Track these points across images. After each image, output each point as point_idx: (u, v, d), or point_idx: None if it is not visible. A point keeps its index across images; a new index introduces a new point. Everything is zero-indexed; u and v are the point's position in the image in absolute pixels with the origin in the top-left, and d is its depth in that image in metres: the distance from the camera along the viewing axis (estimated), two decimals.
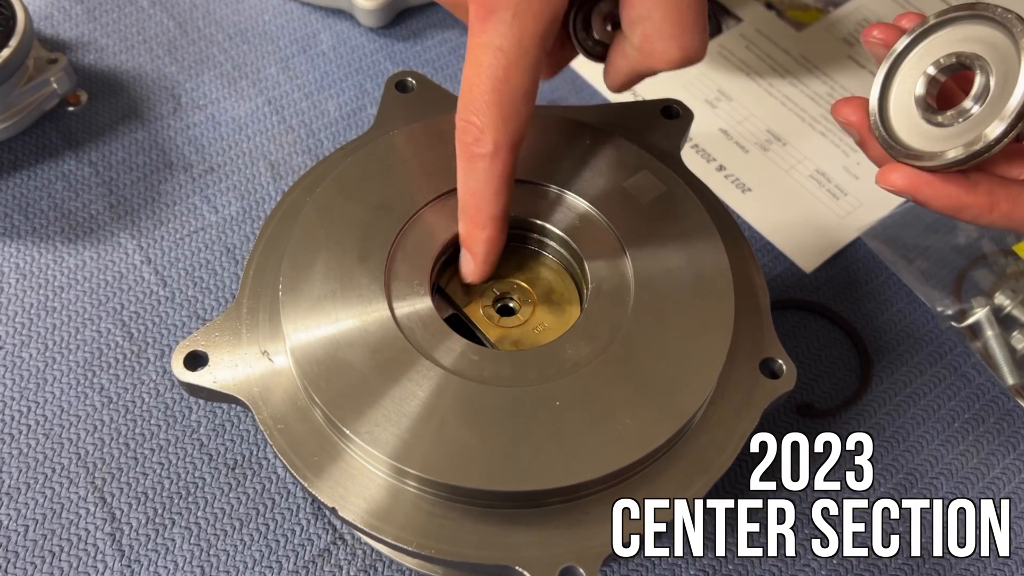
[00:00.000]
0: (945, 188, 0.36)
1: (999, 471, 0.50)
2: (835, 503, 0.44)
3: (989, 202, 0.36)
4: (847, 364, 0.53)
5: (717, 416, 0.39)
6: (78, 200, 0.57)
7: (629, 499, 0.36)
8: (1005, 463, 0.51)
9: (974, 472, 0.50)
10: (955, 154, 0.35)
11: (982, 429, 0.52)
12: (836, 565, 0.47)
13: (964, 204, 0.36)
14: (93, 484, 0.47)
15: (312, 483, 0.37)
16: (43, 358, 0.51)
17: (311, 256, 0.40)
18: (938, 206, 0.36)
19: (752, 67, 0.67)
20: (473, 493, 0.36)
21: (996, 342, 0.53)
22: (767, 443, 0.41)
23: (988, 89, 0.35)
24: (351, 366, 0.37)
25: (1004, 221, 0.37)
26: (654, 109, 0.49)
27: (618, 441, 0.36)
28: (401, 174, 0.43)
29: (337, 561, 0.46)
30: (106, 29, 0.65)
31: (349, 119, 0.62)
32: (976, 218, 0.37)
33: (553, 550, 0.35)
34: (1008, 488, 0.50)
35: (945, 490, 0.49)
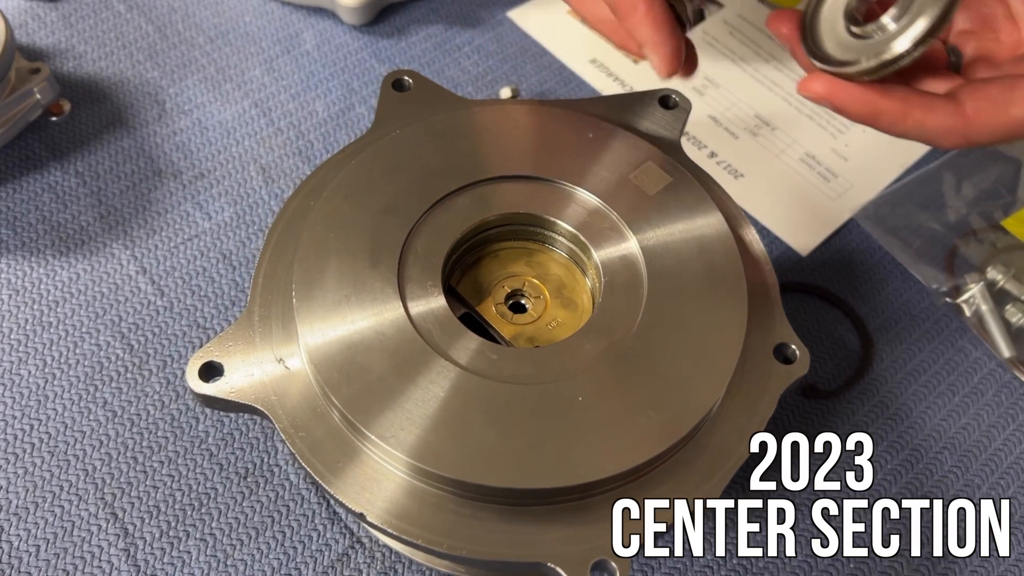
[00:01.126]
0: (861, 94, 0.38)
1: (1000, 443, 0.51)
2: (835, 503, 0.44)
3: (903, 109, 0.38)
4: (848, 344, 0.54)
5: (735, 404, 0.39)
6: (67, 212, 0.56)
7: (630, 499, 0.36)
8: (1005, 435, 0.52)
9: (976, 445, 0.51)
10: (867, 63, 0.37)
11: (982, 402, 0.53)
12: (836, 565, 0.47)
13: (879, 110, 0.38)
14: (103, 500, 0.47)
15: (338, 489, 0.36)
16: (42, 375, 0.50)
17: (322, 262, 0.40)
18: (855, 112, 0.38)
19: (737, 53, 0.67)
20: (502, 492, 0.36)
21: (990, 316, 0.54)
22: (767, 443, 0.41)
23: (908, 7, 0.36)
24: (370, 369, 0.37)
25: (918, 130, 0.38)
26: (652, 99, 0.49)
27: (643, 434, 0.37)
28: (405, 175, 0.43)
29: (356, 565, 0.46)
30: (83, 36, 0.64)
31: (338, 119, 0.61)
32: (892, 125, 0.38)
33: (584, 545, 0.36)
34: (1009, 460, 0.51)
35: (949, 465, 0.50)
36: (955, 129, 0.38)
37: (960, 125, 0.38)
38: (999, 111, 0.37)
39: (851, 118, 0.39)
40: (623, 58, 0.66)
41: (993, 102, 0.38)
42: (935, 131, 0.38)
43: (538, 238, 0.44)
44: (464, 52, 0.66)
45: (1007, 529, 0.44)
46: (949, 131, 0.38)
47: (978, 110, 0.38)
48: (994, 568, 0.47)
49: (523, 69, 0.65)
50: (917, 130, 0.38)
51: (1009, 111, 0.37)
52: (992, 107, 0.38)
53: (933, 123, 0.38)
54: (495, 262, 0.44)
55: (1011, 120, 0.38)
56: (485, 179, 0.43)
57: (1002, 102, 0.38)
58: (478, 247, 0.44)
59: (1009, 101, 0.38)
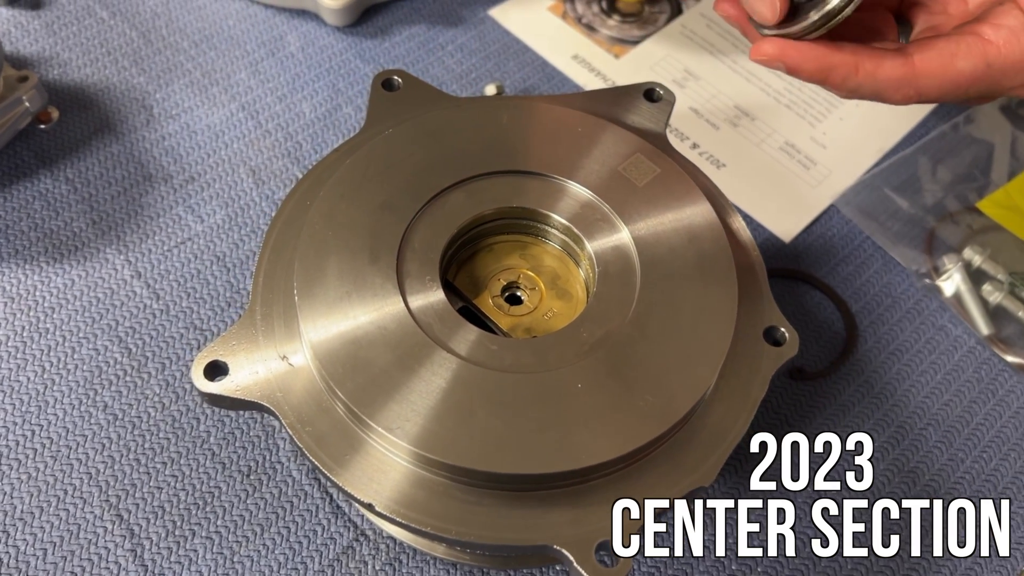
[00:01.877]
0: (811, 50, 0.40)
1: (981, 418, 0.53)
2: (835, 503, 0.44)
3: (854, 62, 0.40)
4: (832, 327, 0.55)
5: (728, 387, 0.40)
6: (59, 219, 0.56)
7: (629, 499, 0.37)
8: (986, 410, 0.53)
9: (959, 420, 0.53)
10: (811, 18, 0.39)
11: (962, 379, 0.54)
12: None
13: (831, 64, 0.40)
14: (108, 502, 0.47)
15: (346, 480, 0.37)
16: (41, 381, 0.51)
17: (322, 260, 0.41)
18: (808, 69, 0.40)
19: (715, 45, 0.68)
20: (507, 478, 0.37)
21: (969, 296, 0.56)
22: (767, 443, 0.42)
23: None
24: (373, 363, 0.38)
25: (870, 83, 0.40)
26: (637, 93, 0.50)
27: (641, 417, 0.38)
28: (400, 173, 0.44)
29: (362, 557, 0.47)
30: (67, 43, 0.64)
31: (326, 119, 0.62)
32: (844, 80, 0.40)
33: (588, 527, 0.37)
34: (990, 435, 0.52)
35: (933, 441, 0.52)
36: (905, 79, 0.40)
37: (909, 74, 0.40)
38: (946, 63, 0.40)
39: (804, 77, 0.41)
40: (604, 53, 0.67)
41: (940, 53, 0.40)
42: (886, 83, 0.40)
43: (531, 231, 0.45)
44: (447, 51, 0.66)
45: (1005, 525, 0.45)
46: (899, 82, 0.40)
47: (925, 60, 0.40)
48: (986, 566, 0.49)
49: (506, 66, 0.66)
50: (869, 82, 0.40)
51: (956, 63, 0.40)
52: (939, 58, 0.40)
53: (884, 74, 0.40)
54: (490, 256, 0.45)
55: (958, 72, 0.40)
56: (477, 175, 0.44)
57: (948, 54, 0.40)
58: (473, 241, 0.45)
59: (955, 53, 0.40)
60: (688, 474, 0.38)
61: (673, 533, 0.47)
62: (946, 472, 0.51)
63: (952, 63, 0.40)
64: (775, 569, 0.48)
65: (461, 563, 0.46)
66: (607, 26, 0.68)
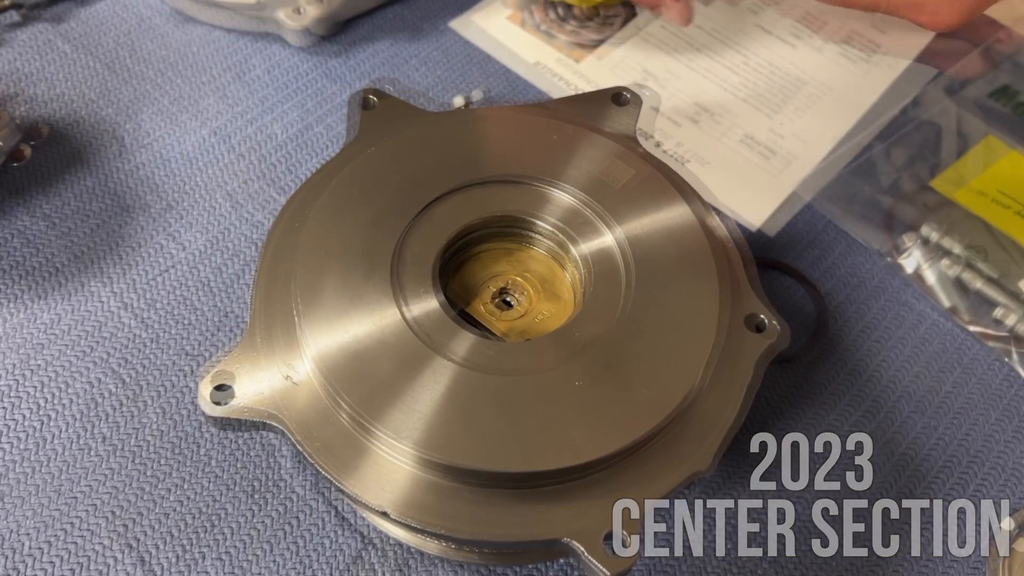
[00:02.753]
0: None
1: (949, 387, 0.56)
2: (835, 503, 0.45)
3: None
4: (804, 310, 0.58)
5: (717, 374, 0.42)
6: (40, 255, 0.56)
7: (630, 499, 0.39)
8: (953, 378, 0.56)
9: (929, 391, 0.55)
10: None
11: (930, 351, 0.57)
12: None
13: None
14: (116, 532, 0.48)
15: (359, 490, 0.38)
16: (37, 417, 0.51)
17: (318, 279, 0.42)
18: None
19: (670, 45, 0.70)
20: (514, 476, 0.38)
21: (929, 271, 0.59)
22: (767, 443, 0.43)
23: None
24: (376, 374, 0.40)
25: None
26: (605, 98, 0.52)
27: (638, 410, 0.39)
28: (386, 189, 0.45)
29: (371, 564, 0.48)
30: (31, 79, 0.64)
31: (297, 140, 0.63)
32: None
33: (594, 518, 0.38)
34: (959, 402, 0.55)
35: (907, 411, 0.54)
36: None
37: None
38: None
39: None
40: (565, 58, 0.69)
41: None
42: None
43: (517, 238, 0.47)
44: (412, 65, 0.68)
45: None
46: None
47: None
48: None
49: (471, 76, 0.67)
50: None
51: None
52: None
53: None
54: (478, 264, 0.46)
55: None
56: (460, 186, 0.46)
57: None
58: (462, 251, 0.46)
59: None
60: (685, 461, 0.40)
61: (673, 533, 0.48)
62: (920, 440, 0.54)
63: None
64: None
65: (469, 563, 0.47)
66: (565, 32, 0.70)
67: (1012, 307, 0.57)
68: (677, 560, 0.49)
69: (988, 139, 0.65)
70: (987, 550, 0.50)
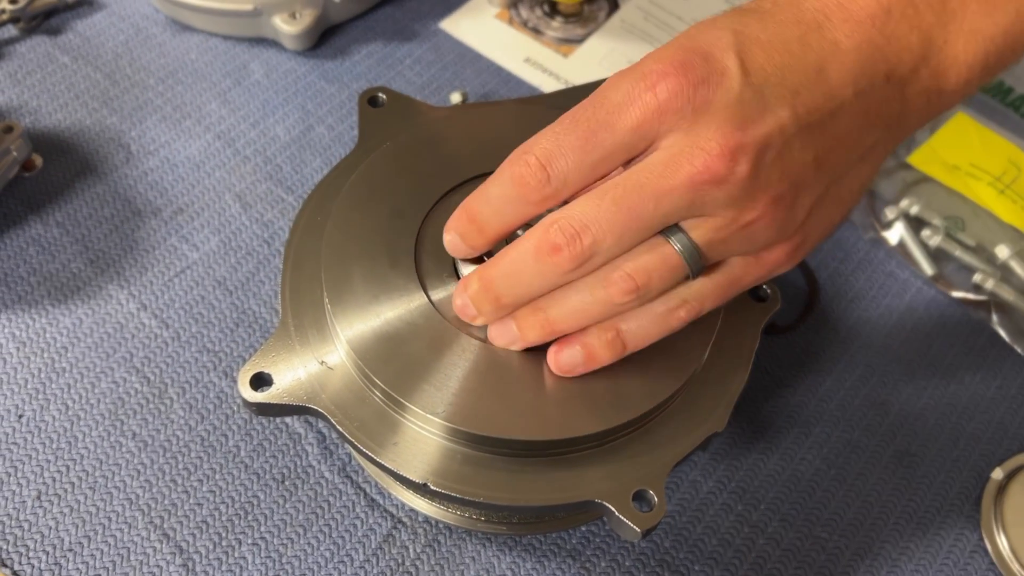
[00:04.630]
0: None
1: (936, 350, 0.59)
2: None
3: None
4: (796, 284, 0.61)
5: (726, 342, 0.45)
6: (56, 262, 0.58)
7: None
8: (939, 343, 0.59)
9: (918, 354, 0.59)
10: None
11: (915, 318, 0.60)
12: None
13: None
14: (152, 523, 0.49)
15: (398, 465, 0.41)
16: (66, 418, 0.52)
17: (346, 269, 0.44)
18: None
19: (653, 36, 0.73)
20: (549, 444, 0.40)
21: (911, 242, 0.62)
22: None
23: None
24: (409, 355, 0.42)
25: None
26: None
27: (657, 376, 0.42)
28: (404, 182, 0.47)
29: (402, 543, 0.50)
30: (34, 91, 0.65)
31: (301, 141, 0.65)
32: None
33: (622, 480, 0.41)
34: (946, 364, 0.58)
35: (898, 375, 0.58)
36: None
37: None
38: None
39: None
40: (553, 53, 0.71)
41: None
42: None
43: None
44: (406, 64, 0.70)
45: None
46: None
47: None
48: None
49: (464, 74, 0.70)
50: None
51: None
52: None
53: None
54: None
55: None
56: (473, 176, 0.48)
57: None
58: None
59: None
60: (702, 423, 0.43)
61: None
62: (912, 401, 0.57)
63: None
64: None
65: (497, 534, 0.49)
66: (552, 28, 0.73)
67: (990, 272, 0.60)
68: (692, 518, 0.52)
69: (959, 116, 0.68)
70: (979, 498, 0.53)
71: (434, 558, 0.49)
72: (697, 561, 0.50)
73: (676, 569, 0.50)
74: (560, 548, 0.50)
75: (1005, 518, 0.52)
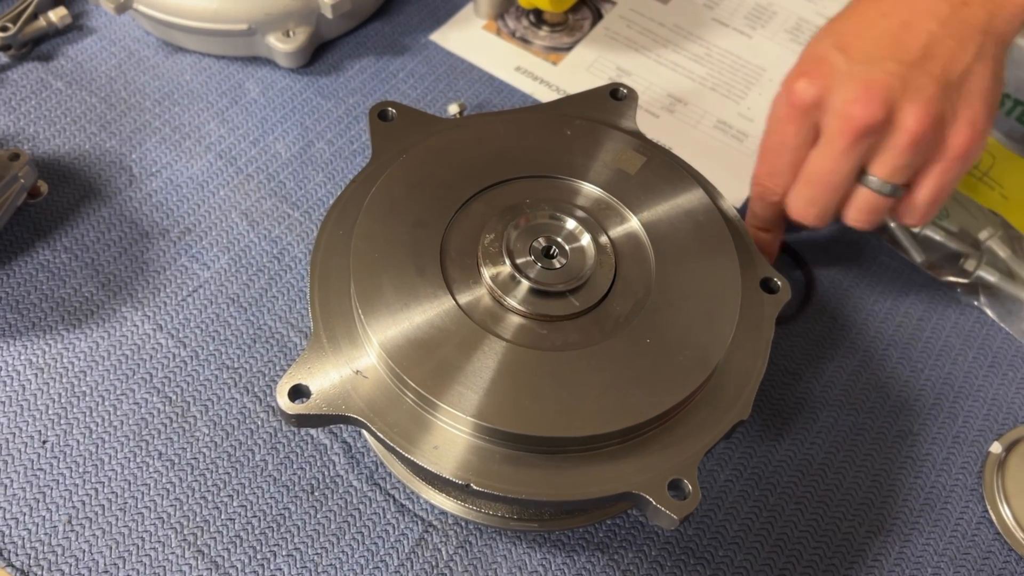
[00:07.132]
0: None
1: (929, 332, 0.61)
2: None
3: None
4: (793, 277, 0.63)
5: (743, 334, 0.47)
6: (67, 287, 0.58)
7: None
8: (932, 325, 0.62)
9: (912, 338, 0.61)
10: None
11: (908, 303, 0.63)
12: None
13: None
14: (186, 541, 0.50)
15: (442, 469, 0.42)
16: (91, 441, 0.53)
17: (376, 279, 0.45)
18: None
19: (637, 43, 0.75)
20: (582, 440, 0.42)
21: (900, 231, 0.64)
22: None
23: None
24: (444, 359, 0.43)
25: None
26: (603, 93, 0.56)
27: (683, 370, 0.44)
28: (423, 193, 0.48)
29: (435, 545, 0.51)
30: (30, 117, 0.65)
31: (302, 156, 0.66)
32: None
33: (657, 471, 0.42)
34: (939, 345, 0.61)
35: (896, 358, 0.60)
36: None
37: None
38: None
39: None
40: (542, 62, 0.73)
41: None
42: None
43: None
44: (400, 78, 0.71)
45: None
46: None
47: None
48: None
49: (457, 86, 0.71)
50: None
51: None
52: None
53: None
54: None
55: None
56: (491, 184, 0.49)
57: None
58: None
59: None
60: (727, 412, 0.45)
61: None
62: (911, 382, 0.59)
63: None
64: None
65: (528, 531, 0.51)
66: (539, 37, 0.74)
67: (974, 256, 0.63)
68: (713, 506, 0.54)
69: None
70: (981, 471, 0.56)
71: (467, 559, 0.51)
72: (721, 547, 0.52)
73: (700, 555, 0.52)
74: (588, 542, 0.52)
75: (1007, 489, 0.54)
